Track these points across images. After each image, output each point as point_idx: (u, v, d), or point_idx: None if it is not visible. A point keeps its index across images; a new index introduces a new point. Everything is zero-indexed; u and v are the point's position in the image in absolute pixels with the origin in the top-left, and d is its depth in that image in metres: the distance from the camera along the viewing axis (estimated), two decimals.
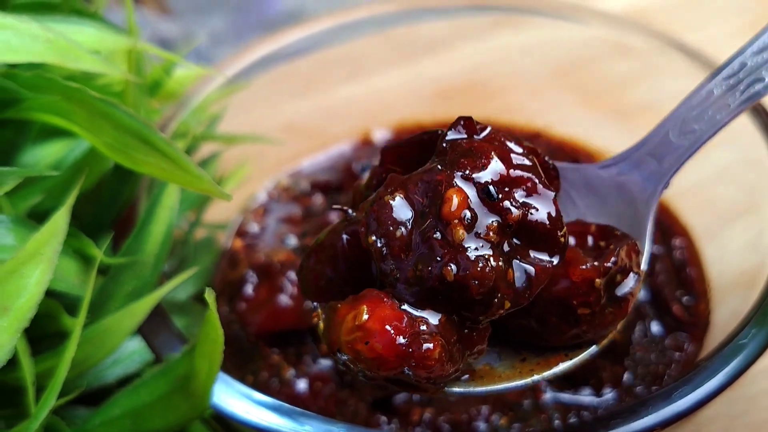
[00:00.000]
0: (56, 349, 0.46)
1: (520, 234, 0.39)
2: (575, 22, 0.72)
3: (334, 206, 0.46)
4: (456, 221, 0.38)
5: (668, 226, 0.66)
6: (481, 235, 0.38)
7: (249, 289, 0.62)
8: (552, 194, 0.40)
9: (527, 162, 0.41)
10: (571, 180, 0.49)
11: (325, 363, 0.59)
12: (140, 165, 0.44)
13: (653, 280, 0.62)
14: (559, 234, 0.40)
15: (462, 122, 0.42)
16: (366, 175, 0.47)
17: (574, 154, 0.75)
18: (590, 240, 0.45)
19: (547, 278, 0.40)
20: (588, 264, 0.41)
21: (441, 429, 0.55)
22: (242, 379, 0.46)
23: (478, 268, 0.37)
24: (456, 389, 0.42)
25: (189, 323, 0.57)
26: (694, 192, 0.67)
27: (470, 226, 0.38)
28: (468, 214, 0.38)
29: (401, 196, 0.40)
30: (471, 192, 0.39)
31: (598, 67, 0.76)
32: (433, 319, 0.39)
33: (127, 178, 0.54)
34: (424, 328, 0.38)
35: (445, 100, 0.83)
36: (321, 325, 0.42)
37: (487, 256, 0.38)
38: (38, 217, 0.49)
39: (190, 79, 0.68)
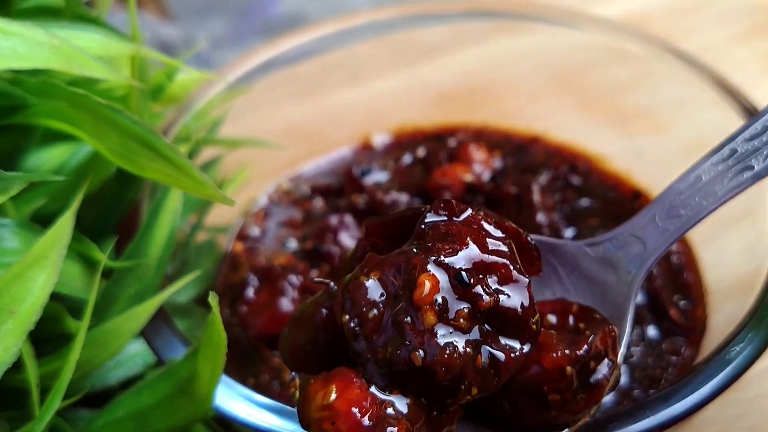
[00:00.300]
0: (60, 352, 0.47)
1: (492, 320, 0.40)
2: (573, 28, 0.73)
3: (315, 279, 0.48)
4: (427, 306, 0.38)
5: None
6: (452, 321, 0.39)
7: (250, 292, 0.62)
8: (526, 281, 0.40)
9: (503, 248, 0.41)
10: (559, 255, 0.50)
11: None
12: (145, 170, 0.44)
13: (651, 285, 0.62)
14: (531, 321, 0.40)
15: (442, 204, 0.42)
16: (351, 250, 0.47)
17: (573, 159, 0.76)
18: (571, 320, 0.45)
19: (516, 366, 0.40)
20: (559, 352, 0.42)
21: None
22: (243, 382, 0.46)
23: (446, 354, 0.38)
24: None
25: (190, 326, 0.57)
26: None
27: (441, 311, 0.39)
28: (439, 299, 0.39)
29: (376, 277, 0.40)
30: (443, 277, 0.39)
31: (596, 73, 0.77)
32: (401, 402, 0.39)
33: (130, 183, 0.55)
34: (390, 411, 0.39)
35: (445, 105, 0.84)
36: (296, 396, 0.42)
37: (455, 343, 0.38)
38: (41, 220, 0.50)
39: (192, 84, 0.69)
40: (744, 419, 0.61)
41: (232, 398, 0.45)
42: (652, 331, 0.60)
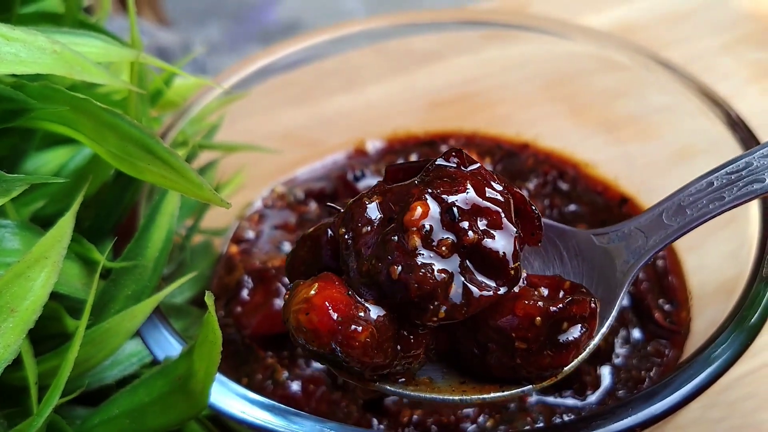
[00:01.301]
0: (58, 350, 0.48)
1: (474, 258, 0.43)
2: (563, 37, 0.74)
3: (329, 204, 0.51)
4: (414, 229, 0.42)
5: None
6: (434, 247, 0.42)
7: (245, 294, 0.63)
8: (514, 231, 0.43)
9: (500, 198, 0.44)
10: (566, 241, 0.53)
11: (317, 366, 0.60)
12: (143, 173, 0.45)
13: (636, 288, 0.64)
14: (510, 266, 0.43)
15: (454, 153, 0.46)
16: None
17: (561, 165, 0.77)
18: (561, 294, 0.47)
19: (487, 302, 0.43)
20: (532, 301, 0.44)
21: (430, 430, 0.56)
22: (237, 381, 0.47)
23: (420, 273, 0.41)
24: (388, 387, 0.45)
25: (186, 326, 0.58)
26: None
27: (426, 237, 0.42)
28: (427, 226, 0.42)
29: (378, 201, 0.44)
30: (435, 208, 0.43)
31: (586, 81, 0.78)
32: (374, 311, 0.42)
33: (128, 185, 0.56)
34: (361, 314, 0.42)
35: (437, 112, 0.85)
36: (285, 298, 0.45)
37: (432, 266, 0.41)
38: (41, 221, 0.51)
39: (189, 89, 0.70)
40: (726, 421, 0.62)
41: (227, 396, 0.46)
42: (637, 334, 0.62)
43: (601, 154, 0.78)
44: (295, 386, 0.59)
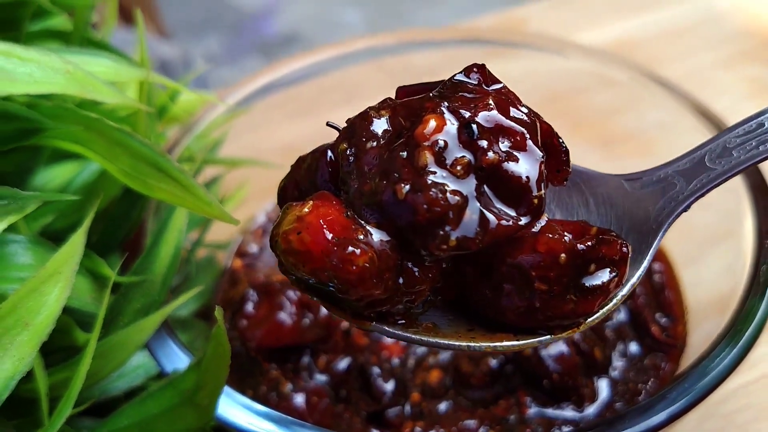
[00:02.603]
0: (68, 363, 0.49)
1: (492, 181, 0.38)
2: (560, 55, 0.76)
3: (329, 123, 0.44)
4: (425, 144, 0.37)
5: None
6: (448, 167, 0.37)
7: (249, 307, 0.64)
8: (540, 155, 0.38)
9: (526, 119, 0.39)
10: (593, 187, 0.48)
11: (321, 378, 0.61)
12: (153, 190, 0.47)
13: (633, 302, 0.65)
14: (533, 194, 0.38)
15: (476, 68, 0.41)
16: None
17: None
18: (587, 241, 0.42)
19: (505, 234, 0.38)
20: (557, 235, 0.39)
21: None
22: (242, 393, 0.48)
23: (431, 193, 0.36)
24: (386, 328, 0.41)
25: (191, 338, 0.59)
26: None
27: (439, 153, 0.37)
28: (441, 141, 0.37)
29: (387, 116, 0.39)
30: (452, 122, 0.37)
31: (584, 98, 0.80)
32: (376, 235, 0.37)
33: (136, 201, 0.57)
34: (360, 237, 0.37)
35: None
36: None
37: (444, 186, 0.36)
38: (50, 236, 0.52)
39: (193, 105, 0.71)
40: None
41: (233, 407, 0.47)
42: (634, 347, 0.63)
43: (599, 168, 0.79)
44: (299, 398, 0.60)
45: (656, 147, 0.76)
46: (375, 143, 0.38)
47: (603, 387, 0.60)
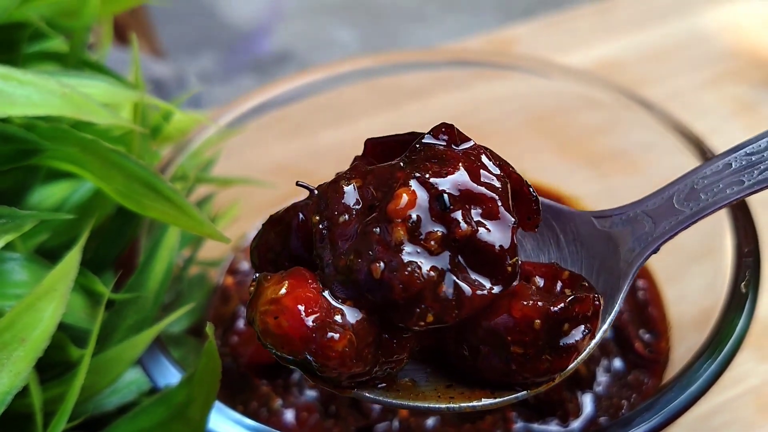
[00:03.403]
0: (63, 378, 0.50)
1: (466, 252, 0.38)
2: (547, 76, 0.77)
3: (299, 182, 0.44)
4: (399, 220, 0.37)
5: None
6: (422, 241, 0.37)
7: (240, 324, 0.65)
8: (512, 221, 0.38)
9: (496, 183, 0.39)
10: (563, 222, 0.48)
11: (310, 394, 0.62)
12: (146, 209, 0.48)
13: (618, 319, 0.66)
14: (507, 262, 0.38)
15: (444, 129, 0.41)
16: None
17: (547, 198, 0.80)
18: (559, 286, 0.43)
19: (481, 304, 0.38)
20: (531, 302, 0.39)
21: None
22: (233, 409, 0.49)
23: (406, 272, 0.36)
24: (367, 394, 0.41)
25: (183, 354, 0.60)
26: None
27: (412, 229, 0.37)
28: (414, 216, 0.37)
29: (357, 185, 0.39)
30: (423, 196, 0.37)
31: (569, 118, 0.81)
32: (352, 314, 0.38)
33: (130, 220, 0.58)
34: (338, 318, 0.37)
35: None
36: (251, 293, 0.41)
37: (420, 263, 0.37)
38: (45, 253, 0.53)
39: (187, 124, 0.73)
40: None
41: (224, 422, 0.47)
42: (618, 363, 0.64)
43: (585, 187, 0.81)
44: (289, 414, 0.61)
45: (640, 166, 0.78)
46: (347, 216, 0.38)
47: (587, 402, 0.61)
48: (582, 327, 0.40)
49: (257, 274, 0.42)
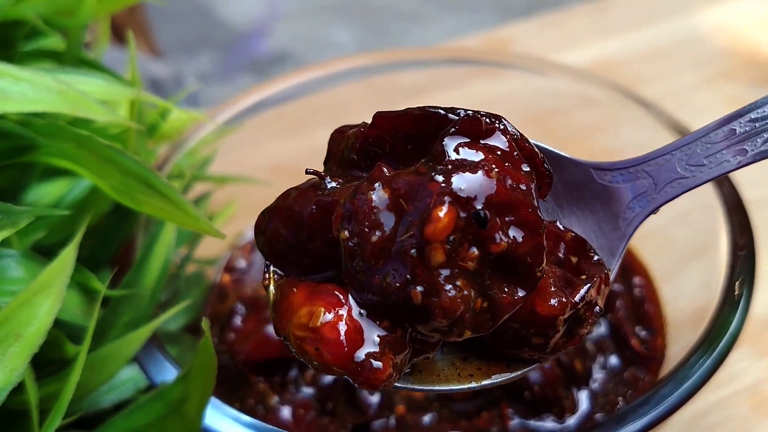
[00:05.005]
0: (59, 375, 0.50)
1: (500, 263, 0.37)
2: (543, 75, 0.77)
3: (308, 169, 0.43)
4: (437, 244, 0.35)
5: (628, 266, 0.71)
6: (460, 262, 0.36)
7: (237, 321, 0.65)
8: (543, 227, 0.38)
9: (525, 186, 0.38)
10: (561, 171, 0.47)
11: (307, 391, 0.62)
12: (142, 206, 0.48)
13: (614, 316, 0.66)
14: (537, 269, 0.38)
15: (468, 122, 0.39)
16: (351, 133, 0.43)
17: None
18: (562, 248, 0.43)
19: (512, 310, 0.38)
20: (556, 299, 0.39)
21: None
22: (229, 406, 0.49)
23: (448, 298, 0.36)
24: (396, 384, 0.41)
25: (180, 352, 0.60)
26: (653, 235, 0.71)
27: (451, 250, 0.36)
28: (452, 237, 0.36)
29: (386, 195, 0.37)
30: (460, 214, 0.36)
31: (565, 117, 0.81)
32: (389, 333, 0.37)
33: (126, 217, 0.58)
34: (377, 341, 0.37)
35: None
36: (271, 292, 0.41)
37: (459, 286, 0.36)
38: (42, 251, 0.53)
39: (184, 122, 0.73)
40: None
41: (221, 419, 0.48)
42: (614, 360, 0.64)
43: None
44: (286, 411, 0.61)
45: None
46: (379, 233, 0.37)
47: (583, 399, 0.61)
48: (596, 308, 0.41)
49: (268, 263, 0.42)
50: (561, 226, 0.44)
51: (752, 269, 0.55)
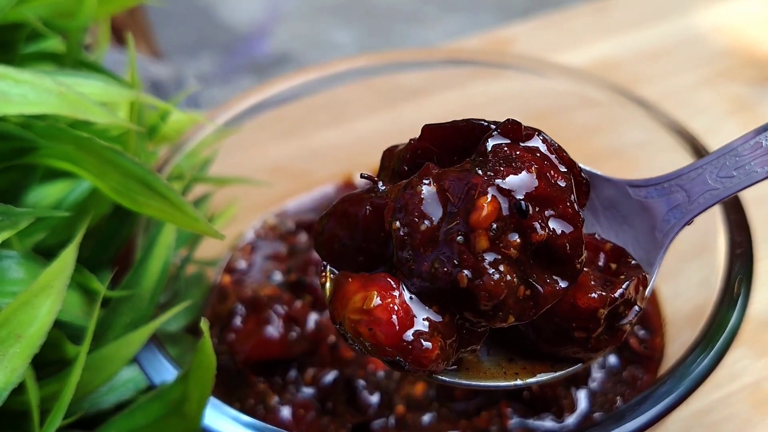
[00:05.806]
0: (59, 375, 0.50)
1: (540, 253, 0.40)
2: (543, 76, 0.78)
3: (363, 174, 0.46)
4: (482, 230, 0.38)
5: None
6: (503, 249, 0.39)
7: (237, 321, 0.65)
8: (582, 220, 0.40)
9: (565, 183, 0.41)
10: (598, 188, 0.50)
11: (307, 391, 0.63)
12: (142, 207, 0.48)
13: None
14: (577, 261, 0.40)
15: (509, 126, 0.42)
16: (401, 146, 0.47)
17: None
18: (602, 258, 0.45)
19: (554, 300, 0.40)
20: (596, 293, 0.42)
21: None
22: (229, 406, 0.49)
23: (492, 281, 0.38)
24: (442, 377, 0.44)
25: (180, 353, 0.60)
26: None
27: (494, 237, 0.38)
28: (495, 225, 0.39)
29: (434, 189, 0.40)
30: (503, 204, 0.39)
31: (565, 117, 0.81)
32: (437, 317, 0.40)
33: (126, 218, 0.58)
34: (428, 325, 0.40)
35: None
36: (328, 288, 0.44)
37: (503, 271, 0.39)
38: (42, 252, 0.53)
39: (184, 124, 0.73)
40: None
41: (220, 418, 0.48)
42: (612, 359, 0.64)
43: None
44: (286, 411, 0.61)
45: (636, 165, 0.78)
46: (428, 223, 0.40)
47: (582, 398, 0.61)
48: (635, 307, 0.44)
49: (325, 263, 0.45)
50: (599, 237, 0.47)
51: (750, 268, 0.55)
